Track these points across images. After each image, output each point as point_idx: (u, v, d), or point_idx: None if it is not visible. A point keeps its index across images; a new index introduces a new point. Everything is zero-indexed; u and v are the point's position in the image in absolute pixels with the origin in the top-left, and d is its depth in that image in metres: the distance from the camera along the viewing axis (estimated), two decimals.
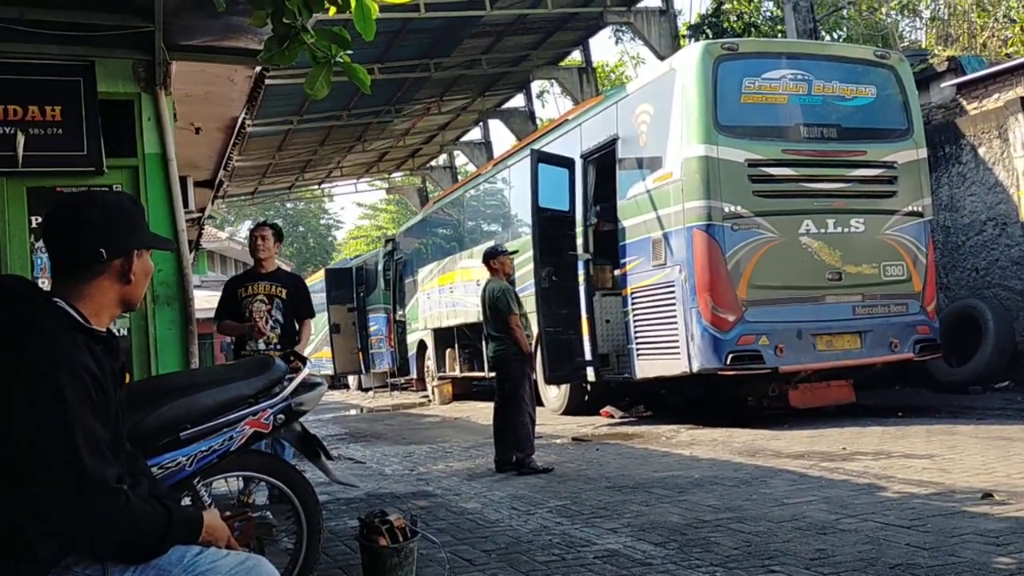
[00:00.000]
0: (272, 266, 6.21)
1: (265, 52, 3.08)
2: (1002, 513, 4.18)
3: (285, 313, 6.05)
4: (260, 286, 6.04)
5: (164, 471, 2.72)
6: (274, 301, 6.02)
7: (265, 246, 6.10)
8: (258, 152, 21.30)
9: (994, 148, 10.23)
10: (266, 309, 5.97)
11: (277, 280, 6.13)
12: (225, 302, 6.12)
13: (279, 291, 6.07)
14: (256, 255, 6.13)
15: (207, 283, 34.94)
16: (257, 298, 5.99)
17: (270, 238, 6.14)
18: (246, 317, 5.94)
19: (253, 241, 6.15)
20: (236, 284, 6.20)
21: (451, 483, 6.50)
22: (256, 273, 6.17)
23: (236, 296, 6.05)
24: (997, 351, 9.69)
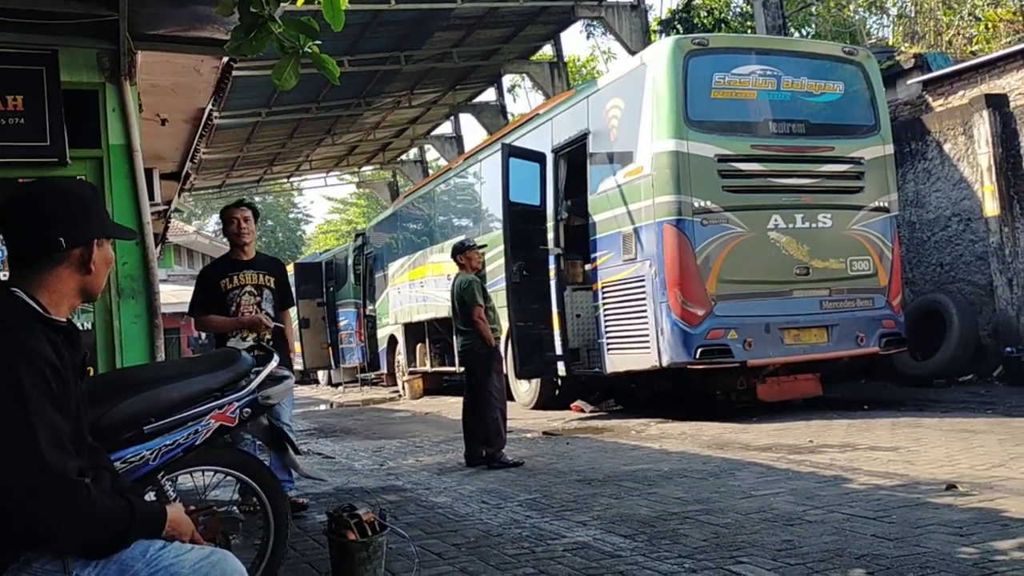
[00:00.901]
0: (253, 252, 5.50)
1: (232, 42, 3.04)
2: (965, 504, 4.24)
3: (275, 305, 5.43)
4: (247, 275, 5.35)
5: (128, 465, 2.68)
6: (263, 292, 5.36)
7: (248, 228, 5.38)
8: (226, 144, 21.09)
9: (959, 144, 10.37)
10: (255, 302, 5.31)
11: (263, 268, 5.46)
12: (204, 295, 5.37)
13: (267, 280, 5.41)
14: (238, 240, 5.38)
15: (174, 277, 34.64)
16: (245, 290, 5.32)
17: (251, 218, 5.44)
18: (233, 312, 5.29)
19: (233, 224, 5.37)
20: (216, 274, 5.41)
21: (421, 477, 6.48)
22: (238, 261, 5.42)
23: (218, 288, 5.30)
24: (961, 345, 9.84)
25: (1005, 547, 3.48)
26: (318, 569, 3.94)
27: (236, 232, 5.37)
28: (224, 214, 5.47)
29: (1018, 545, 3.49)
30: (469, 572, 3.74)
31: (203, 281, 5.46)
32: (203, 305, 5.38)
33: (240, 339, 5.18)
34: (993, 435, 6.32)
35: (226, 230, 5.45)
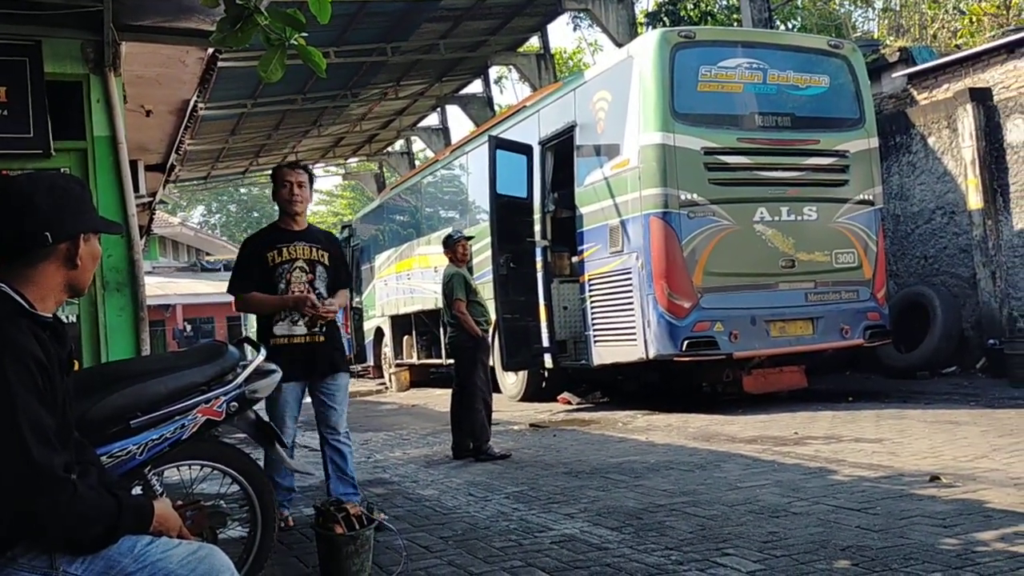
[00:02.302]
0: (305, 222, 4.72)
1: (217, 33, 3.01)
2: (949, 495, 4.28)
3: (328, 284, 4.63)
4: (298, 248, 4.56)
5: (114, 460, 2.67)
6: (316, 268, 4.58)
7: (302, 195, 4.61)
8: (211, 136, 20.94)
9: (943, 138, 10.43)
10: (307, 279, 4.52)
11: (316, 240, 4.66)
12: (247, 270, 4.58)
13: (321, 255, 4.62)
14: (290, 207, 4.59)
15: (159, 269, 34.47)
16: (296, 265, 4.53)
17: (307, 184, 4.66)
18: (281, 290, 4.50)
19: (285, 188, 4.58)
20: (263, 246, 4.61)
21: (408, 470, 6.48)
22: (288, 231, 4.63)
23: (265, 262, 4.52)
24: (944, 337, 9.92)
25: (987, 538, 3.51)
26: (306, 563, 3.94)
27: (288, 197, 4.57)
28: (276, 175, 4.67)
29: (1000, 536, 3.52)
30: (456, 565, 3.75)
31: (246, 254, 4.64)
32: (246, 282, 4.58)
33: (291, 323, 4.49)
34: (976, 427, 6.37)
35: (276, 194, 4.63)
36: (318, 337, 4.54)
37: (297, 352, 4.46)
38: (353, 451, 4.72)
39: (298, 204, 4.60)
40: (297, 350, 4.46)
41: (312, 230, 4.77)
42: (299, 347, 4.47)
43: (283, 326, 4.49)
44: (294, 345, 4.47)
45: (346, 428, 4.67)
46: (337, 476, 4.57)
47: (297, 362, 4.40)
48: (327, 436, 4.60)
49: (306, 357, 4.49)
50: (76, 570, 1.84)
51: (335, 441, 4.59)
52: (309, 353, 4.50)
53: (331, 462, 4.60)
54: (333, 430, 4.60)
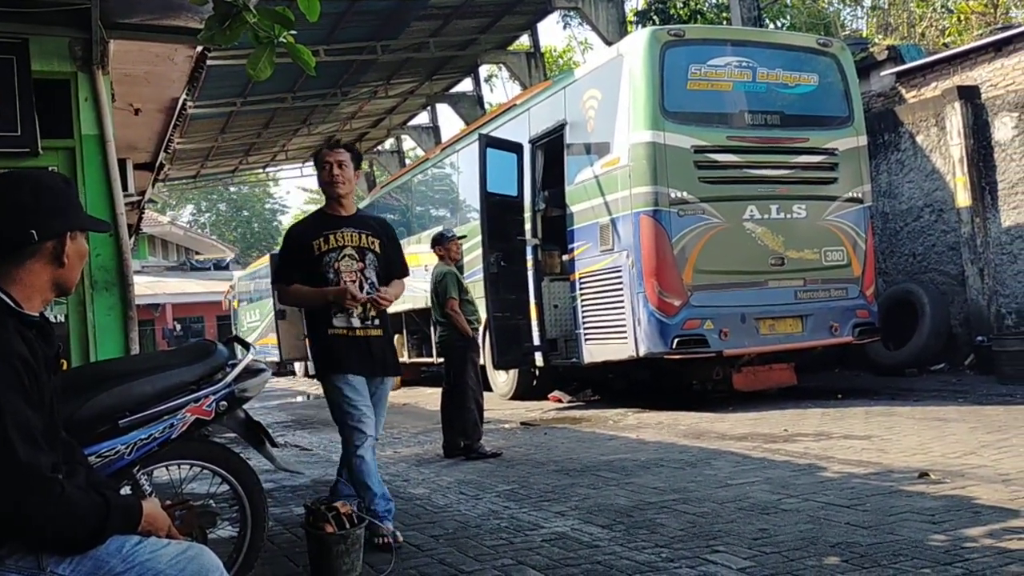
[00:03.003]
0: (353, 206, 4.39)
1: (206, 31, 3.00)
2: (938, 492, 4.30)
3: (380, 273, 4.29)
4: (346, 235, 4.22)
5: (102, 460, 2.66)
6: (367, 256, 4.23)
7: (344, 176, 4.24)
8: (200, 134, 20.87)
9: (931, 136, 10.47)
10: (358, 268, 4.19)
11: (365, 227, 4.32)
12: (293, 259, 4.27)
13: (371, 242, 4.27)
14: (332, 190, 4.26)
15: (148, 268, 34.35)
16: (345, 252, 4.20)
17: (350, 165, 4.28)
18: (331, 280, 4.15)
19: (325, 169, 4.25)
20: (308, 233, 4.27)
21: (399, 469, 6.47)
22: (334, 216, 4.30)
23: (311, 250, 4.18)
24: (933, 334, 9.96)
25: (975, 534, 3.53)
26: (296, 562, 3.93)
27: (329, 179, 4.24)
28: (315, 159, 4.45)
29: (988, 532, 3.54)
30: (447, 564, 3.75)
31: (291, 243, 4.35)
32: (290, 272, 4.27)
33: (344, 314, 4.15)
34: (964, 423, 6.41)
35: (319, 177, 4.37)
36: (373, 331, 4.22)
37: (357, 345, 4.16)
38: None
39: (341, 186, 4.23)
40: (357, 342, 4.16)
41: (362, 215, 4.46)
42: (356, 340, 4.17)
43: (342, 318, 4.16)
44: (353, 337, 4.15)
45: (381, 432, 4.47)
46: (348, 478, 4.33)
47: (357, 354, 4.15)
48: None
49: (364, 351, 4.19)
50: (64, 570, 1.83)
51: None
52: (366, 347, 4.19)
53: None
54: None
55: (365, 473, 4.11)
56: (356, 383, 4.14)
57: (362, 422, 4.12)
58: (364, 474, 4.11)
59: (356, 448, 4.11)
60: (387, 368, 4.33)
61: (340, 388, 4.11)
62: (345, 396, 4.12)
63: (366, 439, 4.13)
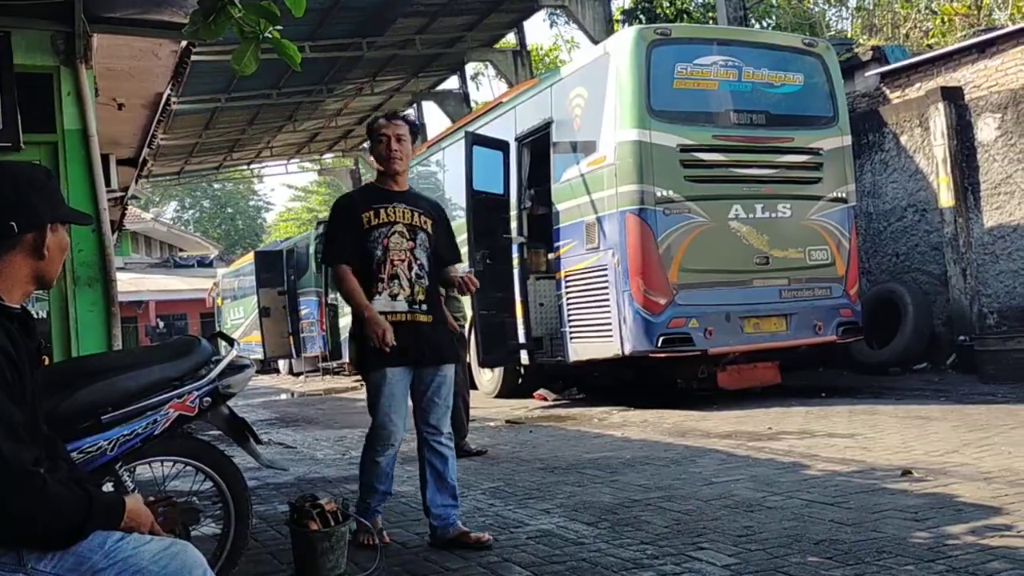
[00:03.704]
0: (406, 183, 4.13)
1: (190, 26, 2.98)
2: (920, 489, 4.33)
3: (431, 255, 4.02)
4: (398, 211, 3.95)
5: (84, 456, 2.64)
6: (417, 236, 3.97)
7: (402, 151, 4.00)
8: (184, 130, 20.77)
9: (915, 136, 10.54)
10: (407, 247, 3.93)
11: (418, 205, 4.06)
12: (342, 233, 3.98)
13: (423, 221, 4.01)
14: (389, 164, 4.00)
15: (131, 265, 34.13)
16: (395, 229, 3.92)
17: (407, 138, 4.04)
18: (377, 258, 3.89)
19: (382, 143, 3.99)
20: (358, 205, 4.00)
21: None
22: (387, 191, 4.02)
23: (360, 224, 3.92)
24: (916, 334, 10.02)
25: (958, 531, 3.55)
26: (280, 560, 3.91)
27: (386, 154, 3.98)
28: (371, 130, 4.10)
29: (970, 529, 3.57)
30: (432, 561, 3.74)
31: (340, 216, 4.04)
32: (342, 249, 3.97)
33: (390, 296, 3.88)
34: (947, 422, 6.45)
35: (373, 150, 4.09)
36: (421, 316, 3.92)
37: (398, 331, 3.81)
38: (454, 453, 4.10)
39: (398, 161, 3.98)
40: (398, 330, 3.81)
41: (415, 193, 4.18)
42: (400, 326, 3.84)
43: (381, 300, 3.86)
44: (394, 324, 3.82)
45: (449, 429, 4.07)
46: (436, 485, 3.99)
47: (400, 343, 3.80)
48: (427, 436, 4.00)
49: (409, 339, 3.85)
50: (45, 567, 1.81)
51: (436, 443, 4.00)
52: (411, 334, 3.86)
53: (429, 467, 4.02)
54: (434, 429, 3.99)
55: (375, 476, 3.97)
56: (396, 381, 3.87)
57: (391, 430, 3.90)
58: (374, 476, 3.98)
59: (376, 453, 3.95)
60: (441, 355, 3.99)
61: (377, 386, 3.87)
62: (380, 396, 3.87)
63: (390, 449, 3.94)
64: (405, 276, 3.91)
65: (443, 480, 3.98)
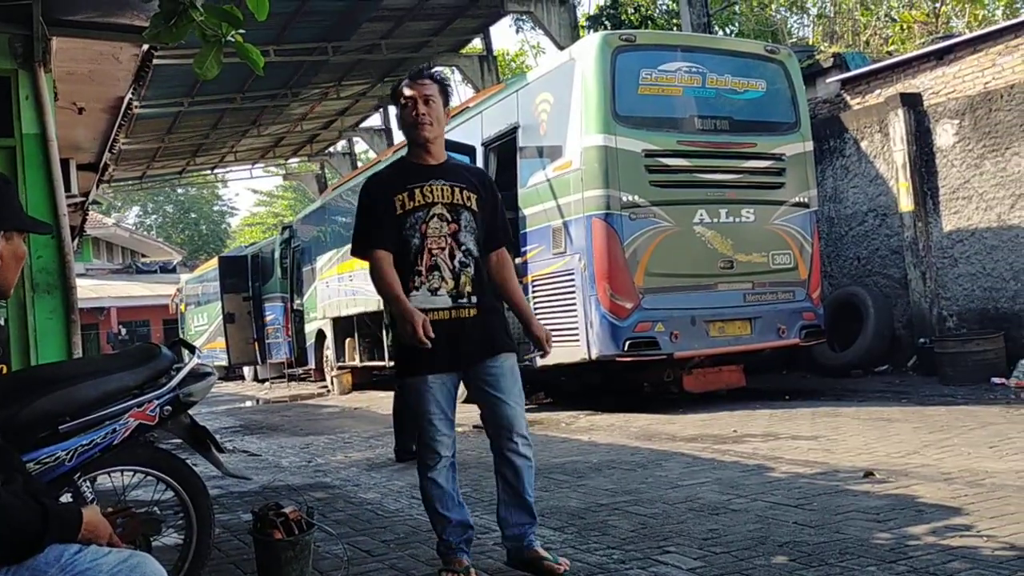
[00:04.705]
0: (443, 153, 3.50)
1: (151, 29, 2.95)
2: (882, 491, 4.38)
3: (479, 238, 3.46)
4: (436, 189, 3.38)
5: (42, 467, 2.59)
6: (461, 216, 3.39)
7: (432, 115, 3.38)
8: (146, 135, 20.53)
9: (875, 142, 10.69)
10: (450, 231, 3.37)
11: (459, 178, 3.46)
12: (372, 220, 3.42)
13: (467, 198, 3.42)
14: (417, 132, 3.39)
15: (92, 271, 33.62)
16: (434, 211, 3.36)
17: (438, 99, 3.41)
18: (414, 247, 3.35)
19: (408, 107, 3.39)
20: (390, 187, 3.42)
21: (350, 474, 6.42)
22: (421, 166, 3.44)
23: (392, 208, 3.37)
24: (877, 336, 10.17)
25: (919, 532, 3.60)
26: (243, 569, 3.87)
27: (412, 120, 3.37)
28: (396, 93, 3.48)
29: (931, 530, 3.62)
30: (399, 569, 3.72)
31: (368, 200, 3.48)
32: (374, 235, 3.40)
33: (429, 291, 3.35)
34: (908, 423, 6.54)
35: (399, 118, 3.50)
36: (467, 311, 3.40)
37: (440, 331, 3.28)
38: (534, 464, 3.51)
39: (428, 127, 3.36)
40: (439, 329, 3.28)
41: (455, 163, 3.57)
42: (441, 325, 3.31)
43: (420, 296, 3.32)
44: (435, 323, 3.28)
45: (526, 430, 3.49)
46: (507, 499, 3.46)
47: (442, 345, 3.29)
48: (499, 441, 3.45)
49: (452, 338, 3.34)
50: None
51: (510, 449, 3.43)
52: (455, 332, 3.35)
53: (499, 478, 3.48)
54: (506, 432, 3.41)
55: (436, 499, 3.43)
56: (439, 388, 3.39)
57: (438, 440, 3.40)
58: (435, 500, 3.44)
59: (427, 469, 3.43)
60: (492, 346, 3.45)
61: (416, 394, 3.40)
62: (423, 407, 3.38)
63: (440, 460, 3.41)
64: (447, 266, 3.35)
65: (516, 494, 3.43)
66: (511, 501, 3.44)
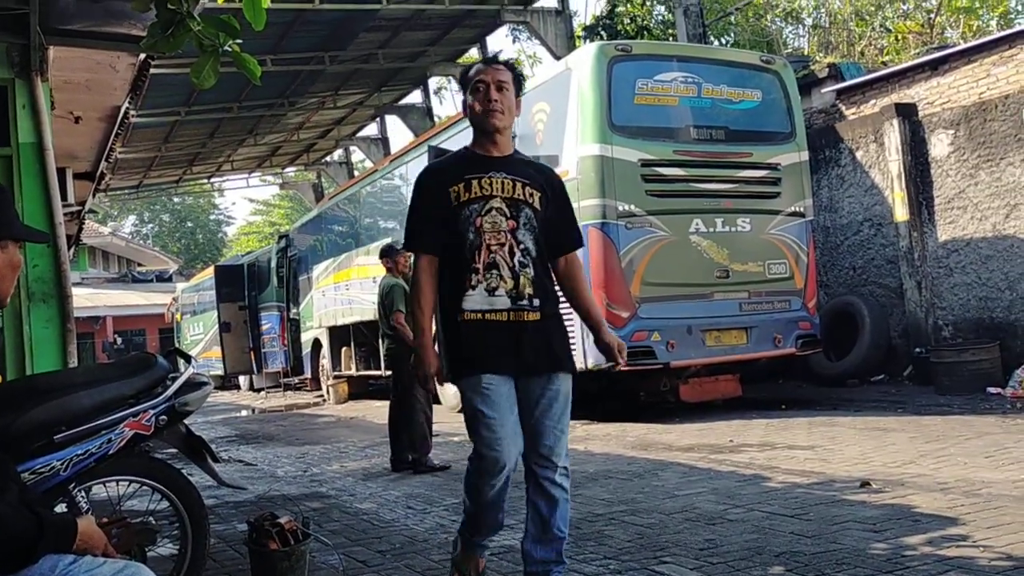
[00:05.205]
0: (510, 146, 3.24)
1: (148, 39, 2.95)
2: (879, 501, 4.38)
3: (539, 238, 3.15)
4: (495, 182, 3.11)
5: (37, 476, 2.59)
6: (521, 213, 3.11)
7: (504, 103, 3.11)
8: (143, 144, 20.54)
9: (871, 152, 10.73)
10: (508, 228, 3.08)
11: (523, 173, 3.18)
12: (426, 213, 3.20)
13: (529, 194, 3.14)
14: (486, 120, 3.12)
15: (88, 280, 33.55)
16: (491, 205, 3.08)
17: (511, 87, 3.15)
18: (469, 242, 3.08)
19: (480, 92, 3.12)
20: (447, 176, 3.17)
21: (345, 483, 6.40)
22: (483, 157, 3.18)
23: (447, 199, 3.11)
24: (873, 346, 10.18)
25: (915, 542, 3.60)
26: None
27: (483, 107, 3.11)
28: (467, 78, 3.21)
29: (928, 540, 3.62)
30: None
31: (422, 190, 3.24)
32: (427, 232, 3.18)
33: (486, 291, 3.06)
34: (904, 433, 6.54)
35: (467, 104, 3.21)
36: (527, 313, 3.09)
37: (499, 333, 3.06)
38: (569, 495, 3.18)
39: (498, 116, 3.10)
40: (498, 331, 3.06)
41: (520, 157, 3.28)
42: (500, 327, 3.06)
43: (477, 297, 3.06)
44: (493, 324, 3.06)
45: (565, 462, 3.14)
46: (536, 533, 3.14)
47: (499, 346, 3.05)
48: (533, 467, 3.12)
49: (511, 341, 3.06)
50: None
51: (545, 477, 3.10)
52: (515, 336, 3.06)
53: (531, 507, 3.15)
54: (544, 459, 3.09)
55: (480, 505, 3.11)
56: (494, 390, 3.02)
57: (496, 448, 2.98)
58: (479, 506, 3.12)
59: (482, 482, 3.04)
60: (552, 361, 3.14)
61: (471, 397, 3.04)
62: (477, 408, 3.02)
63: (503, 470, 2.99)
64: (506, 264, 3.06)
65: (547, 528, 3.12)
66: (539, 535, 3.13)
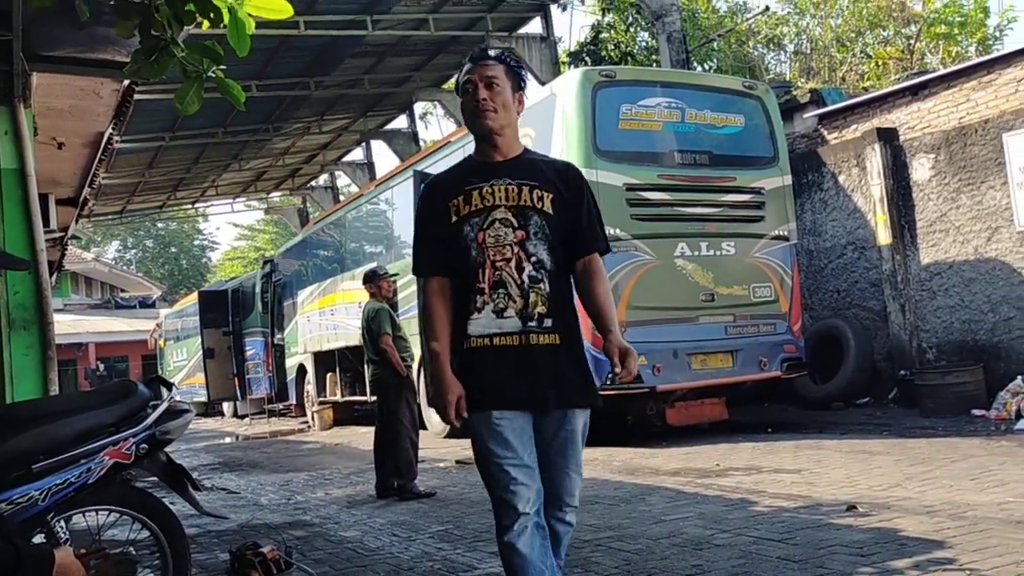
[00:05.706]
0: (515, 146, 2.89)
1: (132, 65, 2.96)
2: (865, 524, 4.37)
3: (554, 246, 2.79)
4: (498, 190, 2.78)
5: (14, 507, 2.55)
6: (530, 221, 2.75)
7: (496, 100, 2.80)
8: (127, 169, 20.49)
9: (853, 176, 10.82)
10: (515, 240, 2.73)
11: (529, 175, 2.82)
12: (428, 233, 2.87)
13: (538, 198, 2.78)
14: (480, 121, 2.82)
15: (70, 307, 33.32)
16: (494, 216, 2.75)
17: (504, 82, 2.82)
18: (473, 261, 2.74)
19: (468, 93, 2.83)
20: (447, 189, 2.86)
21: (330, 511, 6.34)
22: (485, 164, 2.87)
23: (446, 215, 2.80)
24: (858, 369, 10.20)
25: (902, 566, 3.59)
26: None
27: (473, 108, 2.82)
28: (458, 82, 3.00)
29: (914, 563, 3.61)
30: None
31: (422, 211, 2.93)
32: (433, 253, 2.84)
33: (494, 312, 2.72)
34: (889, 456, 6.55)
35: (464, 106, 2.89)
36: (538, 336, 2.74)
37: (510, 360, 2.71)
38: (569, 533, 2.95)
39: (490, 116, 2.78)
40: (509, 357, 2.71)
41: (529, 157, 2.91)
42: (509, 353, 2.71)
43: (483, 320, 2.73)
44: (503, 349, 2.72)
45: (575, 502, 2.90)
46: None
47: (510, 376, 2.70)
48: (545, 507, 2.79)
49: (521, 370, 2.71)
50: None
51: (555, 517, 2.83)
52: (525, 363, 2.72)
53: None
54: (557, 500, 2.83)
55: (520, 569, 2.64)
56: (507, 425, 2.69)
57: (512, 491, 2.67)
58: (519, 570, 2.64)
59: (503, 531, 2.69)
60: (571, 395, 2.82)
61: (482, 434, 2.72)
62: (490, 448, 2.70)
63: (518, 518, 2.66)
64: (514, 282, 2.72)
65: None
66: None
